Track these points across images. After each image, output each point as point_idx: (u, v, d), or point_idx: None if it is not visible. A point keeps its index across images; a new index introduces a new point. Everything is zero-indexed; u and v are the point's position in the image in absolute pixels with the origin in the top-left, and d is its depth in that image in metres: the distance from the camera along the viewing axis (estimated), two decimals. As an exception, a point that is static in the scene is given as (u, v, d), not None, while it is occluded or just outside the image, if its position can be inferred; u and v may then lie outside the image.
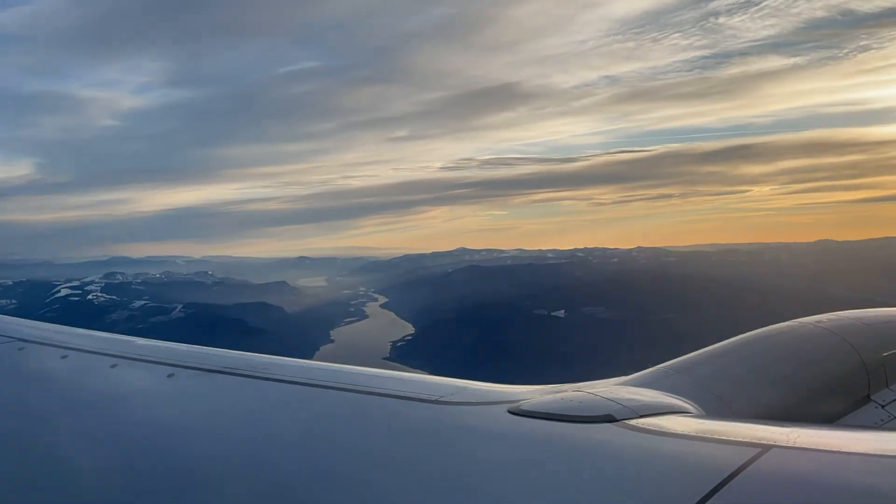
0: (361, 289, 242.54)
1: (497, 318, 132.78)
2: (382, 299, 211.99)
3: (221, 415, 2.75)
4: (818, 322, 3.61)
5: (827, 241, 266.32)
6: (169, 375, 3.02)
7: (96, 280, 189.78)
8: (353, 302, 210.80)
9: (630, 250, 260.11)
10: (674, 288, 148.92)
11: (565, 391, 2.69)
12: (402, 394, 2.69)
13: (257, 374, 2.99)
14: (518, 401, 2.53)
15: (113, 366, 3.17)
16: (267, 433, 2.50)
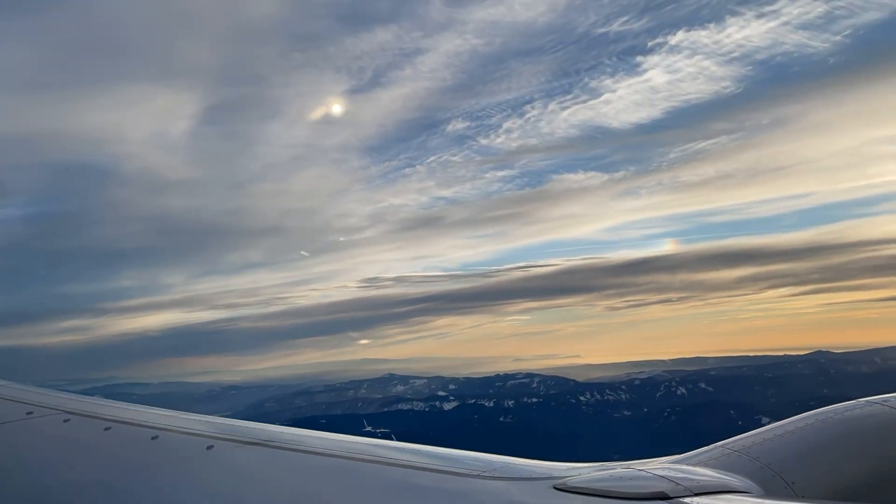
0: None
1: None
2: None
3: (262, 486, 2.68)
4: (885, 401, 3.42)
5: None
6: (208, 447, 3.03)
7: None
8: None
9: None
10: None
11: (614, 468, 2.63)
12: (444, 468, 2.64)
13: (301, 448, 2.98)
14: (564, 477, 2.48)
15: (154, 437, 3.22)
16: None
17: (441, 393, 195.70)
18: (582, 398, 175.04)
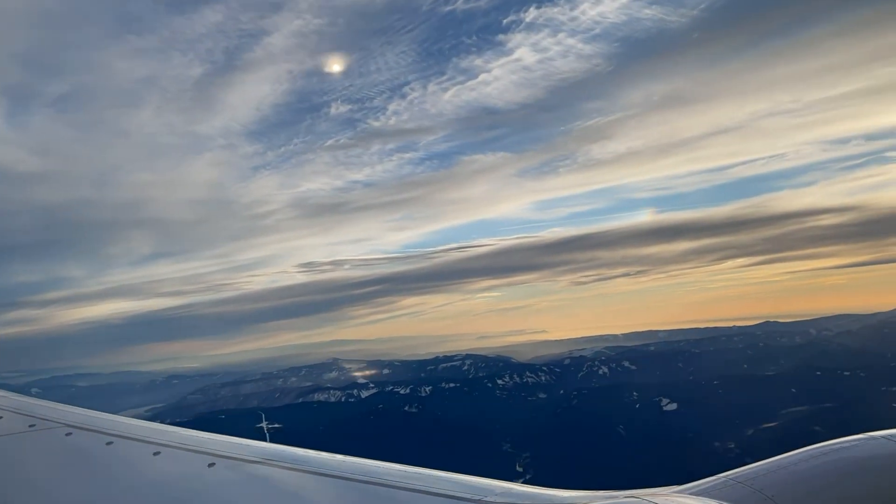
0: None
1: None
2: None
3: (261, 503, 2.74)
4: (890, 436, 3.42)
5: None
6: (209, 465, 3.08)
7: None
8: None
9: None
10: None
11: (617, 497, 2.63)
12: (443, 492, 2.66)
13: (296, 467, 3.03)
14: None
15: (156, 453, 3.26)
16: None
17: (362, 380, 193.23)
18: (500, 381, 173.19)
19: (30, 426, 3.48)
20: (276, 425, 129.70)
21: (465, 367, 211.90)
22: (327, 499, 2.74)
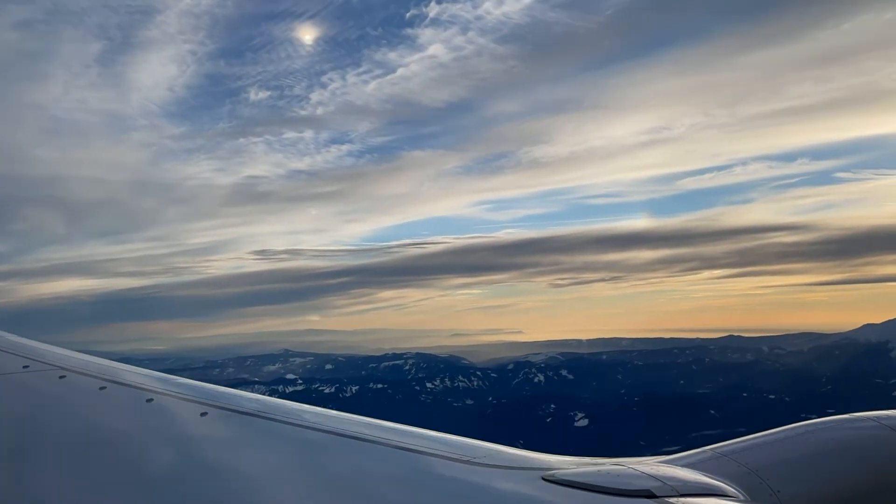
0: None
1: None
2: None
3: (250, 458, 2.72)
4: (877, 418, 3.49)
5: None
6: (202, 414, 3.11)
7: None
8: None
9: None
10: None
11: (603, 464, 2.69)
12: (433, 451, 2.70)
13: (290, 421, 3.06)
14: (553, 469, 2.53)
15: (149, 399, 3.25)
16: (292, 480, 2.50)
17: (291, 377, 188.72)
18: (430, 385, 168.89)
19: (24, 367, 3.45)
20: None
21: (407, 367, 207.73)
22: (319, 455, 2.71)
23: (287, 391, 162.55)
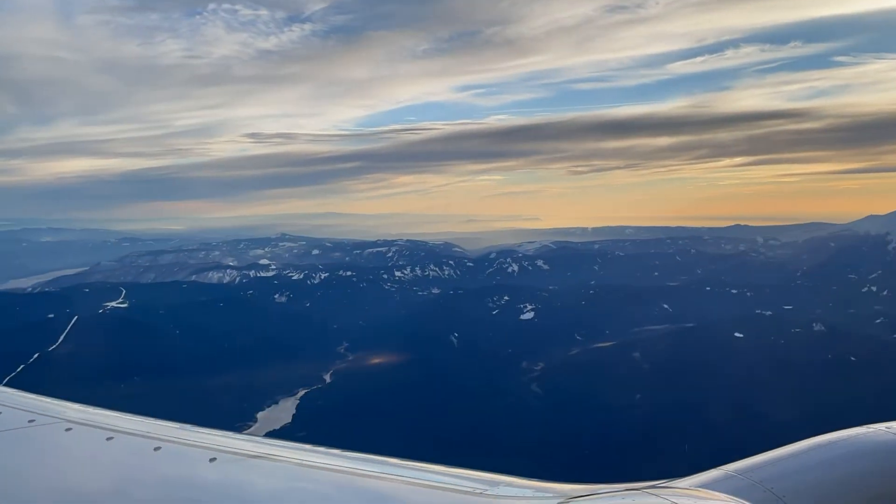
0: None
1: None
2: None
3: (264, 499, 2.80)
4: (889, 428, 3.49)
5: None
6: (211, 460, 3.18)
7: None
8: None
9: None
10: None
11: (618, 490, 2.70)
12: (444, 485, 2.74)
13: (294, 461, 3.15)
14: (569, 497, 2.55)
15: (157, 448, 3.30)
16: None
17: (265, 261, 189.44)
18: (399, 273, 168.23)
19: (29, 421, 3.54)
20: (122, 304, 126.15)
21: (390, 254, 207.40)
22: (329, 494, 2.76)
23: (259, 275, 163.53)
